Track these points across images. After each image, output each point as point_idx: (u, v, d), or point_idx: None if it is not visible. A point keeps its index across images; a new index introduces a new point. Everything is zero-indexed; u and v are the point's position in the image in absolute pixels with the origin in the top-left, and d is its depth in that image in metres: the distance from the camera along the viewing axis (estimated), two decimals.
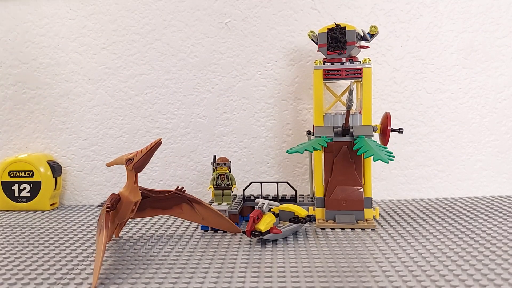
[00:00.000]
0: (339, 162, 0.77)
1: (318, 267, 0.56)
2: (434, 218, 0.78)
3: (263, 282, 0.51)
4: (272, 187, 0.92)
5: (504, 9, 0.92)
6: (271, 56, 0.94)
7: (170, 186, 0.97)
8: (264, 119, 0.95)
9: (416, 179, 0.94)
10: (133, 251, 0.64)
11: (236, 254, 0.62)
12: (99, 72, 0.97)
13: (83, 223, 0.82)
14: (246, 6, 0.94)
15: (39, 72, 0.98)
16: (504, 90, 0.93)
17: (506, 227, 0.71)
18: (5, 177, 0.93)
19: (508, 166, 0.94)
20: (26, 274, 0.56)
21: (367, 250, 0.62)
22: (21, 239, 0.72)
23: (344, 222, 0.74)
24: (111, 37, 0.96)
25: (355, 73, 0.76)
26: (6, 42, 0.99)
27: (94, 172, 0.98)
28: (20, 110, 0.99)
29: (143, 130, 0.97)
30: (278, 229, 0.67)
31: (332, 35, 0.77)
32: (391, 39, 0.93)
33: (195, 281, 0.52)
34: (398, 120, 0.93)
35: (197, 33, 0.95)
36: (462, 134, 0.94)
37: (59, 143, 0.99)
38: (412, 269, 0.54)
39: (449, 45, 0.92)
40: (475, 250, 0.60)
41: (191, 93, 0.96)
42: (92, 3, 0.96)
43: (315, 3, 0.93)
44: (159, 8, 0.95)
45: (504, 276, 0.51)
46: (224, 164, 0.77)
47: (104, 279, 0.54)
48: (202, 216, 0.72)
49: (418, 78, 0.93)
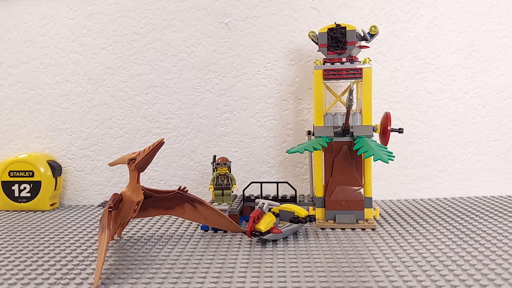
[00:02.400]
0: (339, 162, 0.77)
1: (319, 267, 0.56)
2: (434, 218, 0.78)
3: (263, 282, 0.51)
4: (272, 187, 0.92)
5: (504, 9, 0.92)
6: (271, 56, 0.94)
7: (171, 186, 0.97)
8: (264, 119, 0.95)
9: (416, 179, 0.94)
10: (133, 251, 0.64)
11: (236, 254, 0.62)
12: (99, 72, 0.97)
13: (83, 223, 0.82)
14: (246, 6, 0.94)
15: (39, 72, 0.98)
16: (504, 90, 0.93)
17: (506, 227, 0.71)
18: (5, 177, 0.93)
19: (508, 166, 0.94)
20: (26, 274, 0.56)
21: (367, 250, 0.62)
22: (21, 239, 0.72)
23: (344, 222, 0.74)
24: (111, 37, 0.96)
25: (355, 73, 0.76)
26: (6, 42, 0.99)
27: (94, 172, 0.98)
28: (20, 110, 0.99)
29: (144, 130, 0.97)
30: (278, 229, 0.67)
31: (332, 35, 0.77)
32: (391, 39, 0.93)
33: (195, 281, 0.52)
34: (398, 120, 0.93)
35: (197, 33, 0.95)
36: (462, 134, 0.94)
37: (59, 143, 0.99)
38: (412, 269, 0.54)
39: (449, 45, 0.92)
40: (475, 250, 0.60)
41: (191, 93, 0.96)
42: (92, 3, 0.96)
43: (315, 3, 0.93)
44: (159, 8, 0.95)
45: (504, 276, 0.51)
46: (224, 164, 0.77)
47: (104, 279, 0.54)
48: (205, 216, 0.72)
49: (418, 78, 0.93)
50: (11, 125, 1.00)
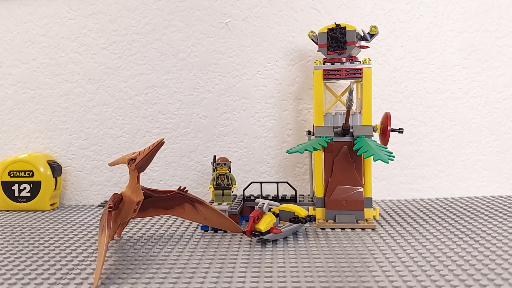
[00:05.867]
0: (339, 162, 0.77)
1: (318, 267, 0.56)
2: (434, 218, 0.78)
3: (263, 282, 0.51)
4: (272, 187, 0.92)
5: (504, 9, 0.92)
6: (271, 56, 0.94)
7: (170, 186, 0.97)
8: (264, 119, 0.95)
9: (416, 179, 0.94)
10: (133, 251, 0.64)
11: (236, 254, 0.62)
12: (99, 72, 0.97)
13: (83, 223, 0.82)
14: (246, 6, 0.94)
15: (39, 72, 0.98)
16: (504, 90, 0.93)
17: (506, 227, 0.71)
18: (5, 177, 0.93)
19: (508, 166, 0.94)
20: (26, 274, 0.56)
21: (367, 250, 0.62)
22: (21, 239, 0.72)
23: (344, 222, 0.74)
24: (111, 37, 0.96)
25: (355, 73, 0.76)
26: (6, 42, 0.99)
27: (94, 172, 0.98)
28: (20, 110, 0.99)
29: (143, 130, 0.97)
30: (278, 229, 0.67)
31: (332, 35, 0.77)
32: (391, 39, 0.93)
33: (195, 281, 0.52)
34: (398, 120, 0.93)
35: (197, 33, 0.95)
36: (462, 134, 0.94)
37: (59, 143, 0.99)
38: (412, 269, 0.54)
39: (449, 45, 0.92)
40: (475, 250, 0.60)
41: (191, 93, 0.96)
42: (92, 3, 0.96)
43: (315, 3, 0.93)
44: (159, 8, 0.95)
45: (504, 276, 0.51)
46: (224, 164, 0.77)
47: (104, 279, 0.54)
48: (205, 216, 0.72)
49: (418, 78, 0.93)
50: (11, 125, 1.00)
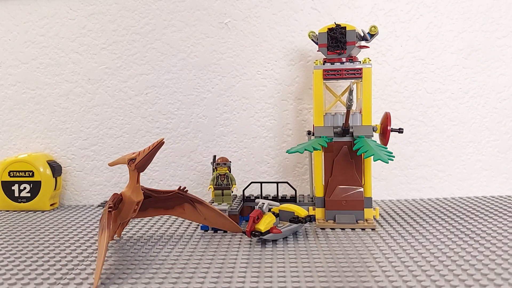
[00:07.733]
0: (339, 162, 0.77)
1: (318, 267, 0.56)
2: (434, 218, 0.78)
3: (263, 282, 0.51)
4: (272, 187, 0.92)
5: (504, 9, 0.92)
6: (271, 56, 0.94)
7: (170, 186, 0.97)
8: (264, 119, 0.95)
9: (416, 179, 0.94)
10: (133, 251, 0.64)
11: (236, 254, 0.62)
12: (99, 72, 0.97)
13: (83, 223, 0.82)
14: (246, 6, 0.94)
15: (39, 72, 0.98)
16: (504, 90, 0.93)
17: (506, 227, 0.71)
18: (5, 177, 0.93)
19: (508, 166, 0.94)
20: (26, 274, 0.56)
21: (367, 250, 0.62)
22: (21, 239, 0.72)
23: (344, 222, 0.74)
24: (111, 37, 0.96)
25: (355, 73, 0.76)
26: (6, 42, 0.99)
27: (94, 172, 0.98)
28: (20, 110, 0.99)
29: (143, 130, 0.97)
30: (278, 229, 0.67)
31: (332, 35, 0.77)
32: (391, 39, 0.93)
33: (195, 281, 0.52)
34: (398, 120, 0.93)
35: (197, 33, 0.95)
36: (462, 134, 0.94)
37: (59, 143, 0.99)
38: (412, 269, 0.54)
39: (449, 45, 0.92)
40: (475, 250, 0.60)
41: (191, 93, 0.96)
42: (92, 3, 0.96)
43: (315, 3, 0.93)
44: (159, 8, 0.95)
45: (504, 276, 0.51)
46: (224, 164, 0.77)
47: (104, 279, 0.54)
48: (204, 216, 0.72)
49: (418, 78, 0.93)
50: (11, 125, 1.00)
